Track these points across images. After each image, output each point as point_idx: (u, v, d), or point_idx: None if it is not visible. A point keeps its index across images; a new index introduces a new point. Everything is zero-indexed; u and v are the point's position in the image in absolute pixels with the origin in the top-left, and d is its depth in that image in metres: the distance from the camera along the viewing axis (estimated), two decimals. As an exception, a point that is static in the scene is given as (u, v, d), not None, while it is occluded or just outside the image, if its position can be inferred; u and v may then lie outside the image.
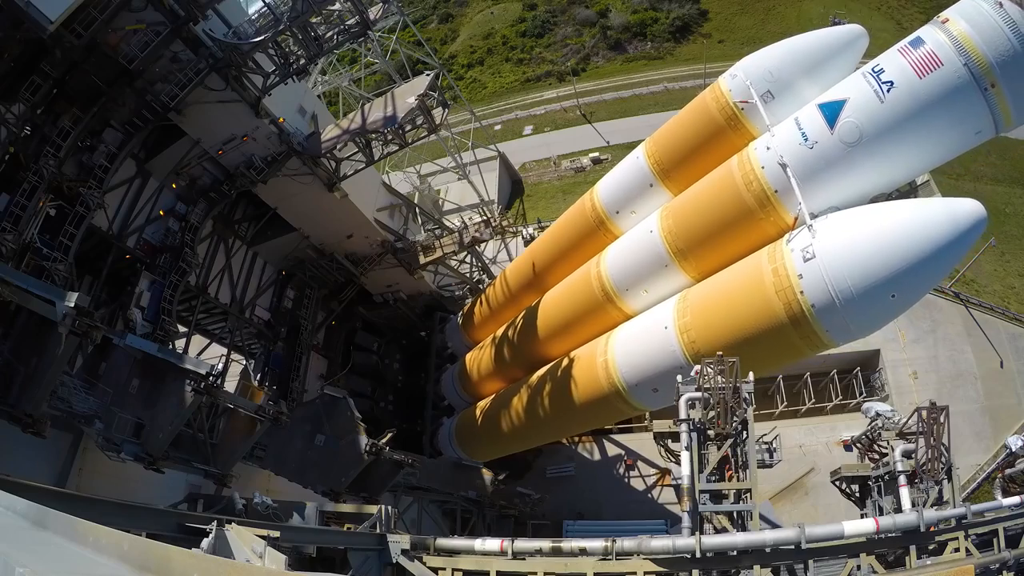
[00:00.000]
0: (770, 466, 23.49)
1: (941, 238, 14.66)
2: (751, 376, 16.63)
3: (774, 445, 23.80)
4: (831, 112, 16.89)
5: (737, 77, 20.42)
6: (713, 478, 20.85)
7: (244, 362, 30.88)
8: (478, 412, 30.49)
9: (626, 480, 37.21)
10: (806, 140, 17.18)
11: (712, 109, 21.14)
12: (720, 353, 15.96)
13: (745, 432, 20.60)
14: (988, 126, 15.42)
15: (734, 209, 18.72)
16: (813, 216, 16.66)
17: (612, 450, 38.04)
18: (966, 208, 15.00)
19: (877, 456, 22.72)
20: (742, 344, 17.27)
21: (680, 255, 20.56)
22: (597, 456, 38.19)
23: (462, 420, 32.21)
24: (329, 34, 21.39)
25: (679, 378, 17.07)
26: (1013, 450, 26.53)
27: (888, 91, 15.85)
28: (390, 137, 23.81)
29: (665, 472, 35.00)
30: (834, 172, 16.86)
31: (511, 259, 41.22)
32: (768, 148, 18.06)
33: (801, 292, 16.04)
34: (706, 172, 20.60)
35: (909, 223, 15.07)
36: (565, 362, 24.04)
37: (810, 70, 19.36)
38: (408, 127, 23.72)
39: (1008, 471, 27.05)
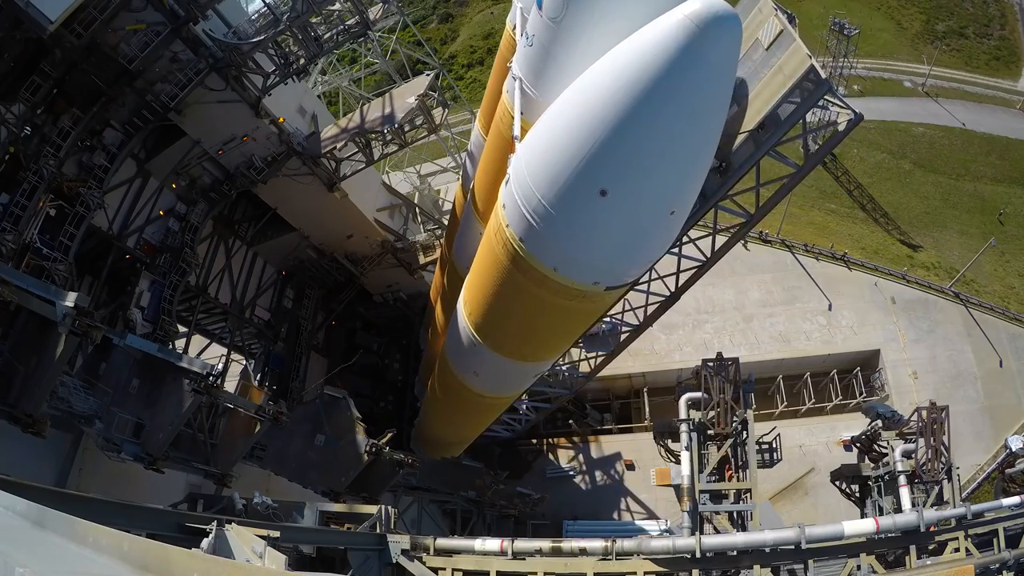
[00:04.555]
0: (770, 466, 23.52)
1: (646, 78, 8.91)
2: (752, 376, 16.64)
3: (774, 445, 23.83)
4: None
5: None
6: (713, 478, 20.92)
7: (244, 362, 30.90)
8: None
9: (626, 480, 37.22)
10: (527, 39, 13.07)
11: (503, 50, 17.94)
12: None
13: (745, 432, 20.67)
14: None
15: (497, 162, 15.65)
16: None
17: (611, 450, 38.06)
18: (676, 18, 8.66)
19: (877, 456, 22.75)
20: (498, 309, 14.96)
21: (483, 218, 17.88)
22: (597, 456, 38.22)
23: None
24: (329, 34, 21.40)
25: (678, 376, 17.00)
26: (1013, 450, 26.53)
27: None
28: (390, 137, 23.82)
29: (665, 472, 35.05)
30: (555, 67, 12.52)
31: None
32: (510, 66, 14.53)
33: (507, 225, 12.29)
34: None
35: (594, 81, 9.77)
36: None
37: None
38: (408, 127, 23.73)
39: (1008, 471, 27.06)
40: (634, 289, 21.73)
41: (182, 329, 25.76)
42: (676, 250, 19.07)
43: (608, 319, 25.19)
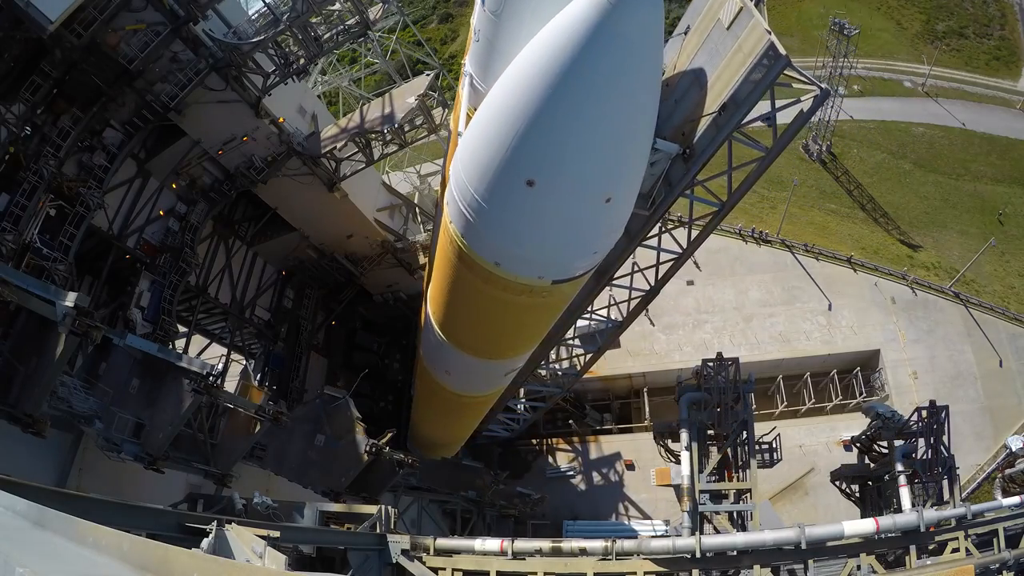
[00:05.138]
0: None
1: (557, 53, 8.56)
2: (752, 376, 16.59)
3: (774, 445, 23.83)
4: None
5: None
6: (713, 478, 20.93)
7: (244, 362, 30.89)
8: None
9: (626, 480, 37.23)
10: (476, 35, 12.93)
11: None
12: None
13: (745, 432, 20.68)
14: None
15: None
16: None
17: (611, 450, 38.07)
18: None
19: (877, 456, 22.75)
20: (456, 307, 14.96)
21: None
22: (597, 456, 38.22)
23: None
24: (329, 34, 21.40)
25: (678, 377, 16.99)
26: (1013, 450, 26.55)
27: None
28: (390, 137, 23.81)
29: (665, 472, 35.06)
30: (500, 60, 12.13)
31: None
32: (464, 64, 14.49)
33: (451, 222, 12.20)
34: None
35: (514, 71, 9.44)
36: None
37: None
38: (408, 127, 23.72)
39: (1008, 471, 27.08)
40: (615, 285, 21.51)
41: (182, 329, 25.75)
42: (654, 243, 18.54)
43: (603, 318, 25.13)
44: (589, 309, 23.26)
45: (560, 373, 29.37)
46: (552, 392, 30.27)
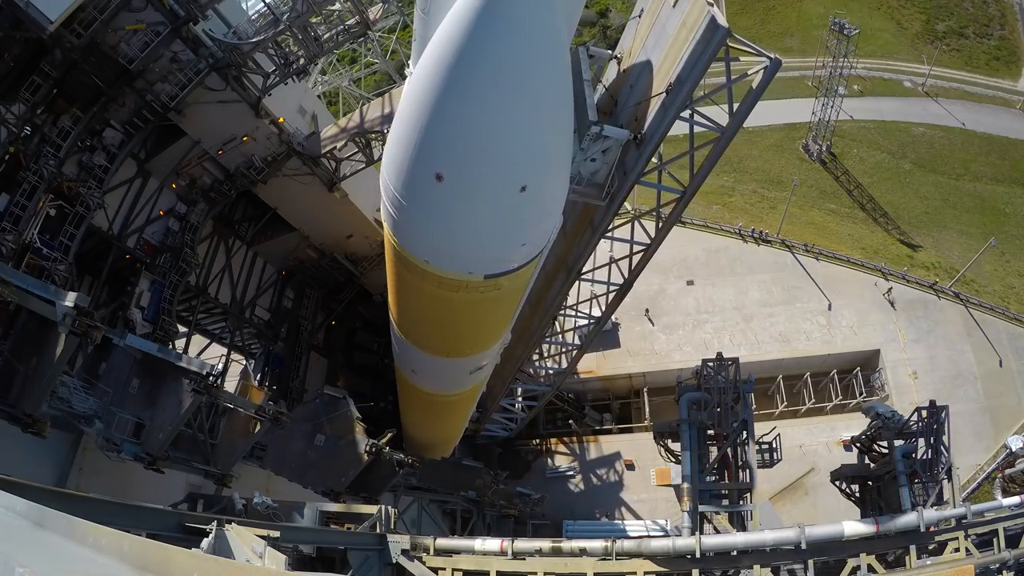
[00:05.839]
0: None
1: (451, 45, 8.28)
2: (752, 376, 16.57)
3: (774, 445, 23.82)
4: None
5: None
6: (713, 478, 20.93)
7: (244, 362, 30.89)
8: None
9: (626, 480, 37.24)
10: (415, 35, 12.72)
11: None
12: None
13: (745, 432, 20.67)
14: None
15: None
16: None
17: (611, 450, 38.08)
18: None
19: (877, 456, 22.74)
20: (404, 305, 14.99)
21: None
22: (596, 456, 38.23)
23: None
24: (329, 34, 21.39)
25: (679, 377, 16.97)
26: (1013, 450, 26.54)
27: None
28: (390, 137, 23.77)
29: (665, 472, 35.06)
30: None
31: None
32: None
33: (384, 220, 12.32)
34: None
35: (419, 65, 9.06)
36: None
37: None
38: (408, 127, 23.66)
39: (1008, 471, 27.07)
40: (596, 281, 21.31)
41: (182, 329, 25.75)
42: (627, 235, 18.15)
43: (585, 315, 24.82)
44: (567, 305, 23.08)
45: (551, 372, 29.38)
46: (542, 391, 30.25)
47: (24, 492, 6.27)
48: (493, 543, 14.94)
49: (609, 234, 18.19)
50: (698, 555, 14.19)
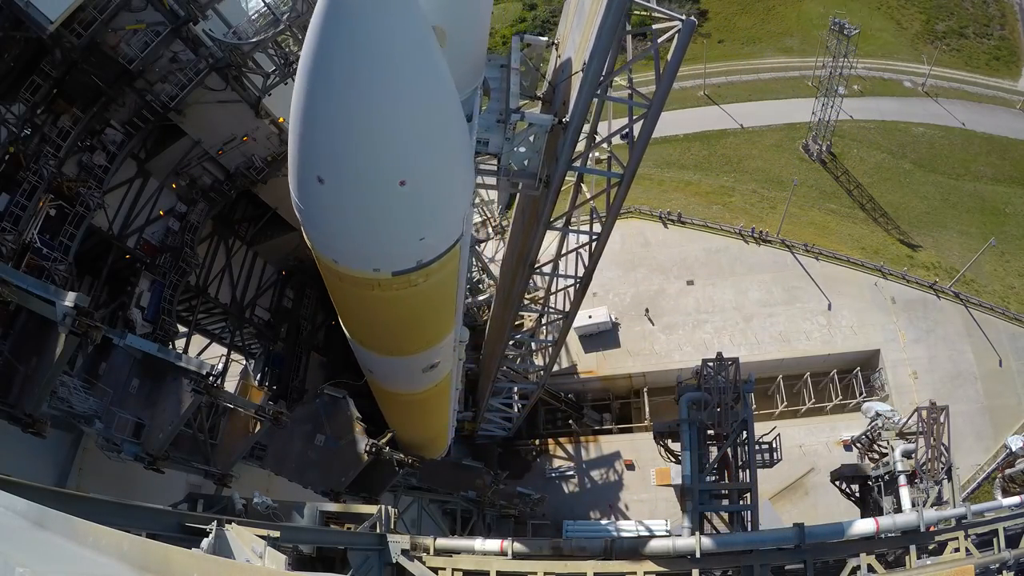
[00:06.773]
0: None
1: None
2: (752, 376, 16.56)
3: (774, 445, 23.81)
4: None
5: None
6: (713, 478, 20.93)
7: (244, 362, 30.88)
8: None
9: (626, 480, 37.24)
10: None
11: None
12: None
13: (745, 432, 20.68)
14: None
15: None
16: None
17: (611, 450, 38.09)
18: None
19: (877, 456, 22.74)
20: (338, 305, 15.01)
21: None
22: (597, 456, 38.24)
23: None
24: (329, 34, 21.37)
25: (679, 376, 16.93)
26: (1013, 450, 26.52)
27: None
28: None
29: (665, 472, 35.07)
30: None
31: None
32: None
33: (302, 223, 12.08)
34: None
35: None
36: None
37: None
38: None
39: (1008, 471, 27.06)
40: (554, 275, 20.76)
41: (182, 329, 25.75)
42: (586, 227, 17.62)
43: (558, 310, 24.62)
44: (540, 301, 22.75)
45: (537, 369, 29.34)
46: (531, 389, 30.20)
47: (24, 492, 6.27)
48: (493, 543, 14.97)
49: (570, 227, 17.73)
50: (698, 555, 14.19)
